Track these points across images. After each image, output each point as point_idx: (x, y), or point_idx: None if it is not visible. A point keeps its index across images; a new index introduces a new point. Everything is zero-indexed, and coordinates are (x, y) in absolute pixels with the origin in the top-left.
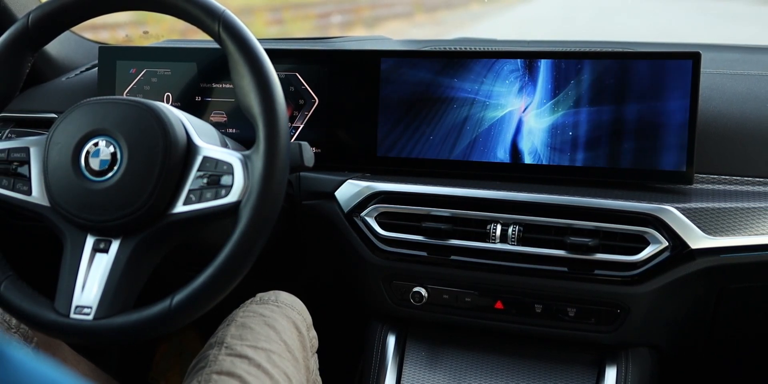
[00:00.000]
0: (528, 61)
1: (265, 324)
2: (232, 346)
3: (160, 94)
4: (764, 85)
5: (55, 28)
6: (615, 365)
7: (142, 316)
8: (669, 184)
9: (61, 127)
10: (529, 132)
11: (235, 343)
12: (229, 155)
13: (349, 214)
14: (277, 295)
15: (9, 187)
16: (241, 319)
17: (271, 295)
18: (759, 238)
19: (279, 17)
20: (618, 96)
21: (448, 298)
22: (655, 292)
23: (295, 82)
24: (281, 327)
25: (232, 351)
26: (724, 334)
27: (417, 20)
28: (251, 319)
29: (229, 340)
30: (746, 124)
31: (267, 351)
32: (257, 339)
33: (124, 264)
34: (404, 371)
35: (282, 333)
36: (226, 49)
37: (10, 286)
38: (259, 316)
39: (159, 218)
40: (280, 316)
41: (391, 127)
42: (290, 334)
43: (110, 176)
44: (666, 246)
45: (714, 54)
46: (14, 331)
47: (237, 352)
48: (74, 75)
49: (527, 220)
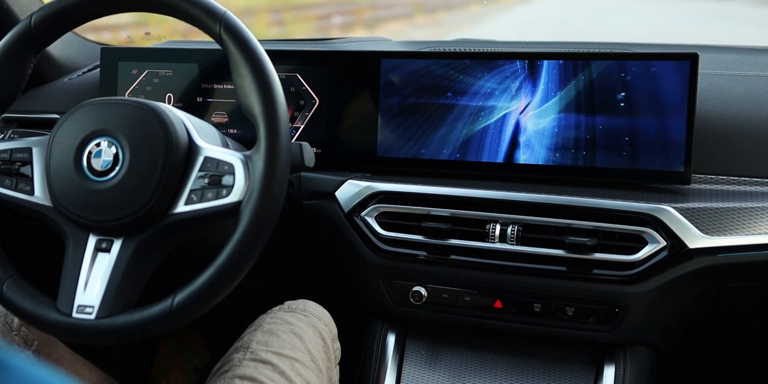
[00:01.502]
0: (527, 62)
1: (291, 332)
2: (256, 352)
3: (162, 94)
4: (761, 86)
5: (57, 29)
6: (613, 364)
7: (143, 315)
8: (667, 184)
9: (64, 128)
10: (527, 132)
11: (260, 349)
12: (230, 155)
13: (350, 213)
14: (305, 305)
15: (12, 187)
16: (268, 326)
17: (299, 304)
18: (756, 237)
19: (280, 18)
20: (617, 97)
21: (447, 297)
22: (653, 292)
23: (295, 82)
24: (307, 336)
25: (256, 356)
26: (721, 332)
27: (417, 21)
28: (278, 326)
29: (255, 346)
30: (743, 125)
31: (291, 359)
32: (282, 346)
33: (126, 263)
34: (404, 369)
35: (308, 342)
36: (227, 50)
37: (12, 286)
38: (286, 324)
39: (161, 218)
40: (306, 326)
41: (390, 127)
42: (315, 344)
43: (112, 176)
44: (664, 245)
45: (712, 55)
46: (15, 333)
47: (261, 358)
48: (76, 76)
49: (526, 220)
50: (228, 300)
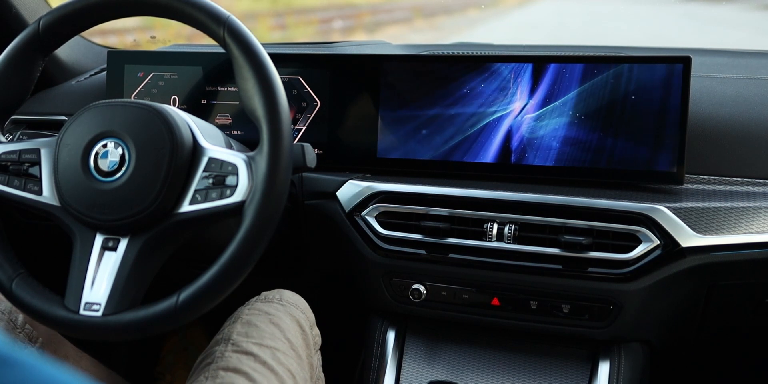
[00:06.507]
0: (523, 65)
1: (270, 322)
2: (238, 343)
3: (167, 97)
4: (752, 88)
5: (65, 33)
6: (608, 360)
7: (149, 312)
8: (660, 184)
9: (71, 129)
10: (525, 134)
11: (241, 340)
12: (233, 156)
13: (350, 213)
14: (282, 294)
15: (20, 188)
16: (246, 317)
17: (275, 294)
18: (747, 236)
19: (282, 22)
20: (612, 99)
21: (446, 294)
22: (647, 289)
23: (297, 85)
24: (285, 325)
25: (238, 348)
26: (713, 329)
27: (416, 25)
28: (257, 317)
29: (236, 337)
30: (735, 126)
31: (272, 349)
32: (262, 337)
33: (132, 262)
34: (404, 365)
35: (286, 331)
36: (231, 54)
37: (21, 283)
38: (264, 314)
39: (166, 217)
40: (284, 315)
41: (390, 129)
42: (294, 332)
43: (119, 177)
44: (657, 244)
45: (704, 58)
46: (19, 330)
47: (243, 349)
48: (84, 78)
49: (523, 219)
50: (232, 297)
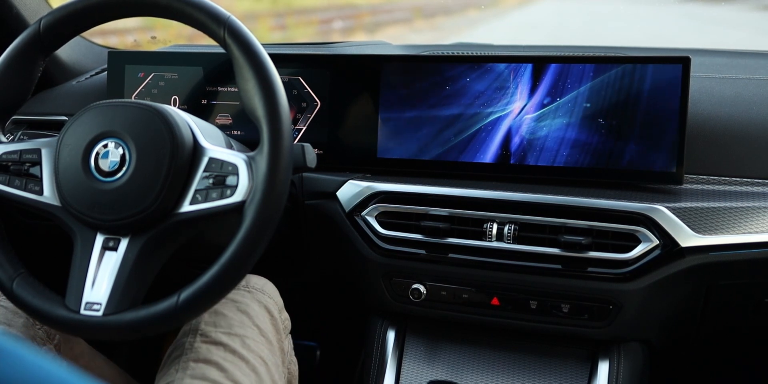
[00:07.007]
0: (523, 66)
1: (237, 310)
2: (207, 334)
3: (168, 97)
4: (751, 89)
5: (66, 33)
6: (607, 359)
7: (150, 312)
8: (660, 184)
9: (72, 129)
10: (524, 134)
11: (209, 330)
12: (234, 156)
13: (351, 213)
14: (248, 280)
15: (21, 188)
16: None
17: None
18: (746, 236)
19: (282, 23)
20: (611, 99)
21: (446, 294)
22: (646, 289)
23: (298, 85)
24: (253, 312)
25: (207, 338)
26: (712, 328)
27: (416, 26)
28: (224, 306)
29: (204, 327)
30: (734, 127)
31: (241, 336)
32: (231, 325)
33: (132, 261)
34: (404, 365)
35: (254, 318)
36: (231, 54)
37: (22, 283)
38: (231, 302)
39: (166, 217)
40: (251, 301)
41: (390, 129)
42: (263, 318)
43: (119, 177)
44: (657, 244)
45: (703, 58)
46: (38, 327)
47: (212, 339)
48: (84, 79)
49: (523, 219)
50: None
